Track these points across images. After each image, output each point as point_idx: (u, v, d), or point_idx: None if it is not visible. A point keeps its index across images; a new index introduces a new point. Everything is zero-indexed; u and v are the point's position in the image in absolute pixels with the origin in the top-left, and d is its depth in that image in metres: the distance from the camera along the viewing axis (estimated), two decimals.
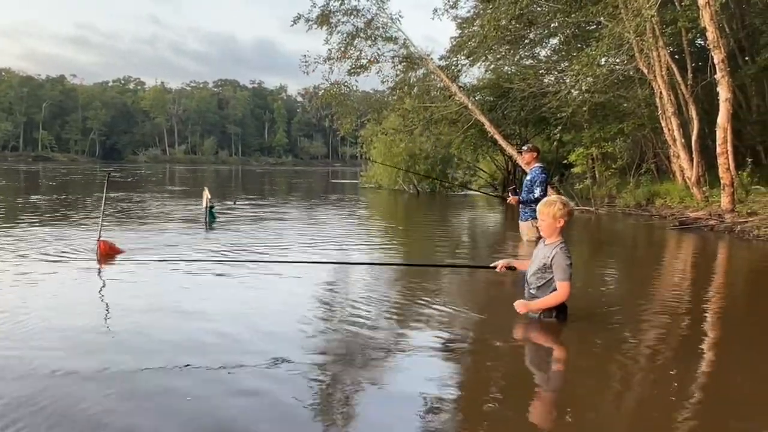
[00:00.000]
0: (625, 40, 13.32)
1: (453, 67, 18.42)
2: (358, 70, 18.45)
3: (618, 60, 15.47)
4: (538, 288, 4.20)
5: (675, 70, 13.77)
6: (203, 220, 10.51)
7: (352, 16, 17.78)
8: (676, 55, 15.28)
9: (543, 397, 3.14)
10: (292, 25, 17.84)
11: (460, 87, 18.04)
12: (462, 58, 18.32)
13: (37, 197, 17.52)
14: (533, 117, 19.10)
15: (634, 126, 16.36)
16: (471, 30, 17.75)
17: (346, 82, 18.88)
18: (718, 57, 11.31)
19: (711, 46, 11.48)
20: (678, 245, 9.52)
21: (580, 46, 16.62)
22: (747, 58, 15.67)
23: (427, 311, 4.63)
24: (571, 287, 4.09)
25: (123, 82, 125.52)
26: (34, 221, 10.48)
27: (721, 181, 11.88)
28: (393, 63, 18.54)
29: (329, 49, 18.04)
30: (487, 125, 17.19)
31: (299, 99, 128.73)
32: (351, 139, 54.96)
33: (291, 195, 23.10)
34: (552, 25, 16.92)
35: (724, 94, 11.40)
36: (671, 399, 2.98)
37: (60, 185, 25.27)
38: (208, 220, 10.41)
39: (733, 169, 11.92)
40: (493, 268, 4.54)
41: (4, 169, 45.77)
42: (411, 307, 4.76)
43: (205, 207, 10.57)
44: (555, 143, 20.52)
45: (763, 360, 3.70)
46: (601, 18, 14.08)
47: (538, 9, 16.34)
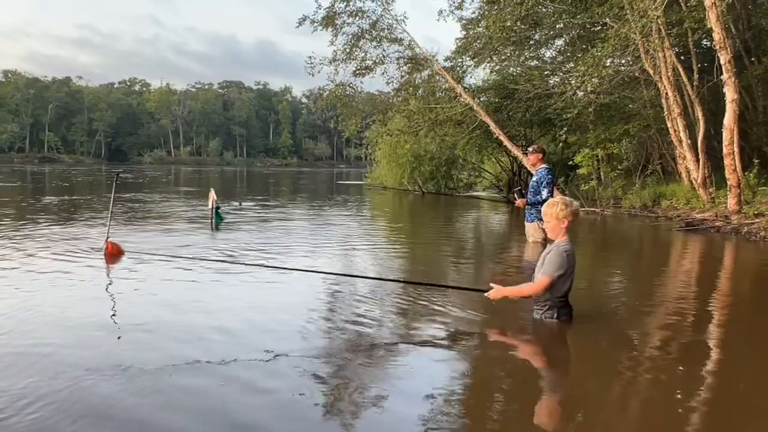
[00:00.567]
0: (631, 41, 13.29)
1: (458, 69, 18.41)
2: (364, 72, 18.49)
3: (624, 61, 15.44)
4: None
5: (681, 71, 13.73)
6: (209, 221, 10.55)
7: (358, 18, 17.83)
8: (682, 56, 15.24)
9: (547, 398, 3.14)
10: (298, 26, 17.87)
11: (465, 88, 18.03)
12: (467, 59, 18.33)
13: (51, 197, 17.61)
14: (538, 118, 19.06)
15: (639, 127, 16.32)
16: (476, 31, 17.73)
17: (351, 83, 18.95)
18: (724, 58, 11.28)
19: (717, 47, 11.45)
20: (684, 246, 9.50)
21: (585, 47, 16.60)
22: (753, 59, 15.61)
23: (430, 310, 4.65)
24: (550, 287, 4.08)
25: (128, 83, 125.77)
26: (48, 220, 10.58)
27: (728, 183, 11.85)
28: (398, 64, 18.59)
29: (334, 51, 18.11)
30: (492, 126, 17.18)
31: (304, 100, 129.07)
32: (356, 140, 55.03)
33: (297, 196, 23.14)
34: (557, 26, 16.90)
35: (730, 95, 11.38)
36: (677, 400, 2.98)
37: (72, 186, 25.47)
38: (214, 221, 10.45)
39: (739, 170, 11.89)
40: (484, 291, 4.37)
41: (15, 170, 45.89)
42: (414, 307, 4.78)
43: (211, 208, 10.60)
44: (560, 144, 20.48)
45: None
46: (607, 19, 14.05)
47: (544, 10, 16.32)
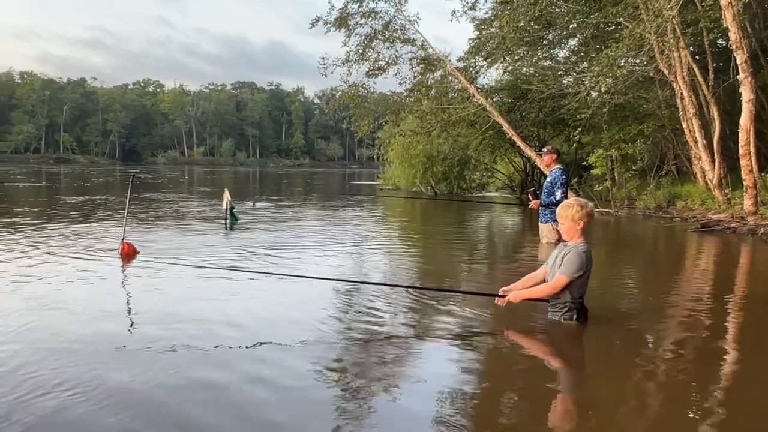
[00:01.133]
0: (646, 41, 13.22)
1: (471, 69, 18.41)
2: (376, 72, 18.54)
3: (638, 61, 15.33)
4: None
5: (696, 70, 13.63)
6: (224, 221, 10.62)
7: (370, 19, 17.88)
8: (698, 56, 15.11)
9: (562, 399, 3.14)
10: (311, 27, 17.95)
11: (478, 88, 18.02)
12: (480, 59, 18.31)
13: (75, 197, 17.80)
14: (552, 118, 19.01)
15: (654, 127, 16.22)
16: (489, 31, 17.71)
17: (363, 83, 19.00)
18: (740, 57, 11.19)
19: (733, 47, 11.36)
20: (699, 248, 9.43)
21: (599, 47, 16.49)
22: None
23: (444, 308, 4.65)
24: (570, 288, 4.06)
25: (142, 84, 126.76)
26: (69, 219, 10.73)
27: (744, 183, 11.75)
28: (411, 65, 18.62)
29: (347, 52, 18.17)
30: (505, 127, 17.16)
31: (316, 101, 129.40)
32: (368, 141, 55.12)
33: (310, 196, 23.21)
34: (571, 26, 16.83)
35: (746, 95, 11.29)
36: (692, 402, 2.97)
37: (93, 186, 25.90)
38: (229, 221, 10.52)
39: (756, 170, 11.78)
40: (499, 296, 4.28)
41: (34, 171, 46.44)
42: (429, 305, 4.78)
43: (226, 208, 10.68)
44: (574, 145, 20.41)
45: None
46: (621, 19, 13.98)
47: (557, 10, 16.27)
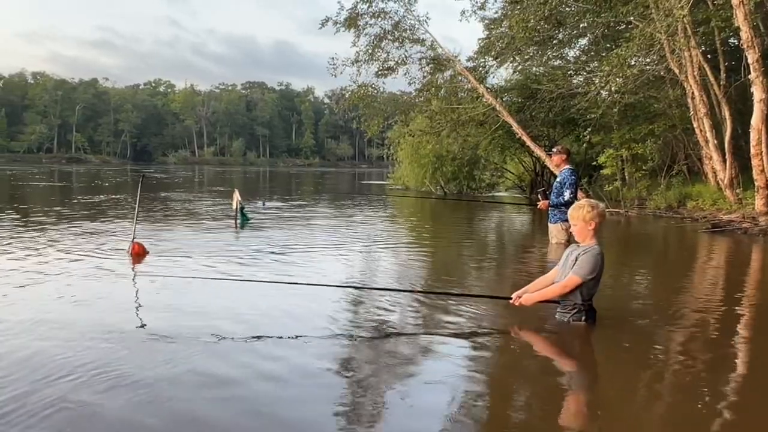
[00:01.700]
0: (656, 40, 13.16)
1: (480, 69, 18.39)
2: (386, 72, 18.56)
3: (648, 60, 15.27)
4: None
5: (707, 70, 13.55)
6: (234, 221, 10.68)
7: (380, 19, 17.89)
8: (709, 55, 15.02)
9: (572, 398, 3.16)
10: (321, 27, 18.00)
11: (487, 88, 18.00)
12: (490, 59, 18.29)
13: (94, 196, 17.96)
14: (562, 118, 18.96)
15: (665, 127, 16.13)
16: (499, 31, 17.70)
17: (373, 83, 19.02)
18: (752, 57, 11.12)
19: (745, 46, 11.29)
20: (710, 248, 9.38)
21: (609, 46, 16.45)
22: None
23: (453, 308, 4.67)
24: (580, 289, 4.06)
25: (153, 84, 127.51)
26: (86, 218, 10.83)
27: (755, 183, 11.68)
28: (420, 65, 18.62)
29: (357, 52, 18.19)
30: (515, 127, 17.13)
31: (326, 101, 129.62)
32: (377, 140, 55.18)
33: (320, 196, 23.26)
34: (581, 25, 16.77)
35: (758, 94, 11.21)
36: (702, 403, 2.98)
37: (113, 186, 26.32)
38: (240, 221, 10.59)
39: (767, 171, 11.70)
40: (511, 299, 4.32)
41: (52, 170, 46.89)
42: (438, 304, 4.80)
43: (236, 208, 10.74)
44: (584, 145, 20.34)
45: None
46: (632, 18, 13.93)
47: (567, 9, 16.22)
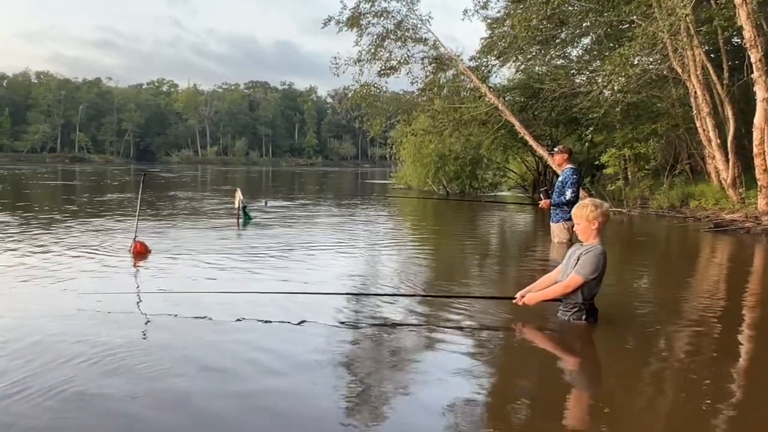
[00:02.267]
0: (659, 40, 13.13)
1: (483, 68, 18.38)
2: (388, 72, 18.56)
3: (651, 59, 15.24)
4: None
5: (710, 69, 13.52)
6: (236, 220, 10.71)
7: (383, 18, 17.89)
8: (712, 54, 14.98)
9: (572, 399, 3.16)
10: (323, 27, 17.99)
11: (490, 88, 17.98)
12: (492, 58, 18.28)
13: (101, 195, 18.01)
14: (564, 118, 18.93)
15: (667, 126, 16.09)
16: (501, 30, 17.68)
17: (375, 83, 19.01)
18: (755, 56, 11.09)
19: (748, 45, 11.27)
20: (713, 248, 9.37)
21: (612, 45, 16.42)
22: None
23: (456, 307, 4.67)
24: (582, 288, 4.05)
25: (156, 84, 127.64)
26: (92, 217, 10.89)
27: (758, 183, 11.65)
28: (423, 64, 18.62)
29: (359, 51, 18.19)
30: (517, 126, 17.11)
31: (329, 100, 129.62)
32: (380, 140, 55.12)
33: (323, 195, 23.29)
34: (584, 24, 16.76)
35: (761, 93, 11.18)
36: (704, 402, 2.98)
37: (120, 185, 26.58)
38: (242, 219, 10.62)
39: None
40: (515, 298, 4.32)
41: (58, 170, 47.05)
42: (440, 302, 4.82)
43: (238, 207, 10.77)
44: (586, 144, 20.31)
45: None
46: (634, 17, 13.90)
47: (570, 8, 16.20)
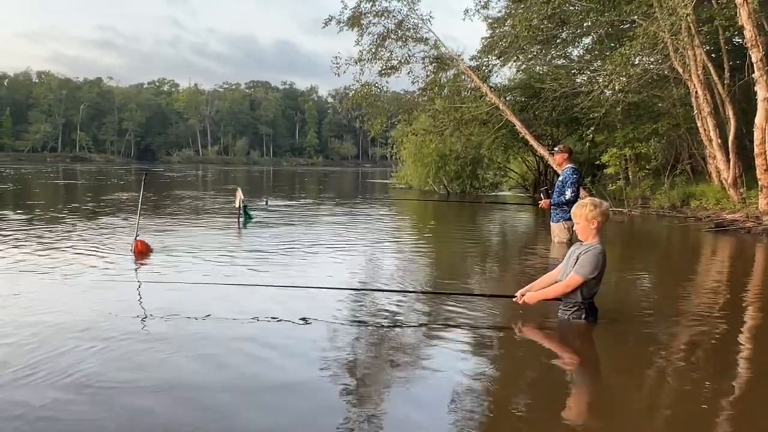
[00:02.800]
0: (660, 39, 13.12)
1: (484, 68, 18.37)
2: (389, 71, 18.55)
3: (652, 59, 15.23)
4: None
5: (711, 69, 13.51)
6: (237, 219, 10.71)
7: (383, 18, 17.88)
8: (713, 54, 14.97)
9: (572, 398, 3.16)
10: (324, 26, 17.98)
11: (491, 87, 17.98)
12: (493, 58, 18.28)
13: (109, 195, 18.04)
14: (565, 117, 18.93)
15: (668, 126, 16.09)
16: (502, 30, 17.68)
17: (376, 83, 19.00)
18: (756, 56, 11.08)
19: (749, 45, 11.26)
20: (714, 248, 9.36)
21: (613, 45, 16.40)
22: None
23: (456, 306, 4.67)
24: (581, 288, 4.05)
25: (157, 84, 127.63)
26: (99, 215, 10.92)
27: (759, 183, 11.64)
28: (423, 64, 18.60)
29: (360, 51, 18.19)
30: (518, 126, 17.10)
31: (330, 100, 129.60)
32: (381, 139, 55.18)
33: (323, 195, 23.28)
34: (585, 24, 16.75)
35: (762, 93, 11.17)
36: (704, 401, 2.98)
37: (124, 185, 26.65)
38: (243, 219, 10.63)
39: None
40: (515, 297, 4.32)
41: (63, 169, 47.12)
42: (440, 301, 4.82)
43: (239, 207, 10.77)
44: (587, 144, 20.31)
45: None
46: (635, 17, 13.90)
47: (571, 8, 16.19)
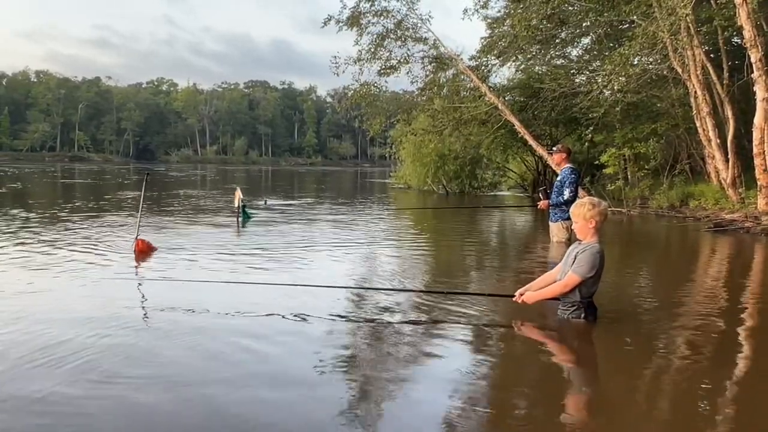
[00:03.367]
0: (659, 39, 13.13)
1: (483, 68, 18.36)
2: (388, 71, 18.52)
3: (651, 59, 15.24)
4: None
5: (710, 69, 13.52)
6: (236, 219, 10.72)
7: (383, 17, 17.86)
8: (712, 54, 14.98)
9: (572, 397, 3.16)
10: (323, 26, 17.96)
11: (490, 87, 17.97)
12: (492, 58, 18.26)
13: (112, 194, 18.01)
14: (564, 117, 18.94)
15: (667, 126, 16.11)
16: (501, 30, 17.67)
17: (375, 82, 18.99)
18: (755, 56, 11.09)
19: (748, 45, 11.27)
20: (713, 248, 9.37)
21: (612, 45, 16.42)
22: None
23: (456, 305, 4.67)
24: (579, 287, 4.06)
25: (156, 83, 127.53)
26: (103, 214, 10.89)
27: (758, 183, 11.65)
28: (423, 63, 18.59)
29: (359, 50, 18.16)
30: (517, 126, 17.10)
31: (329, 100, 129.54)
32: (380, 139, 55.22)
33: (322, 195, 23.28)
34: (584, 24, 16.75)
35: (761, 93, 11.18)
36: (703, 400, 2.98)
37: (124, 184, 26.83)
38: (242, 218, 10.63)
39: None
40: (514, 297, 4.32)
41: (63, 168, 47.21)
42: (440, 300, 4.82)
43: (237, 206, 10.77)
44: (586, 144, 20.33)
45: None
46: (634, 17, 13.90)
47: (570, 8, 16.19)
